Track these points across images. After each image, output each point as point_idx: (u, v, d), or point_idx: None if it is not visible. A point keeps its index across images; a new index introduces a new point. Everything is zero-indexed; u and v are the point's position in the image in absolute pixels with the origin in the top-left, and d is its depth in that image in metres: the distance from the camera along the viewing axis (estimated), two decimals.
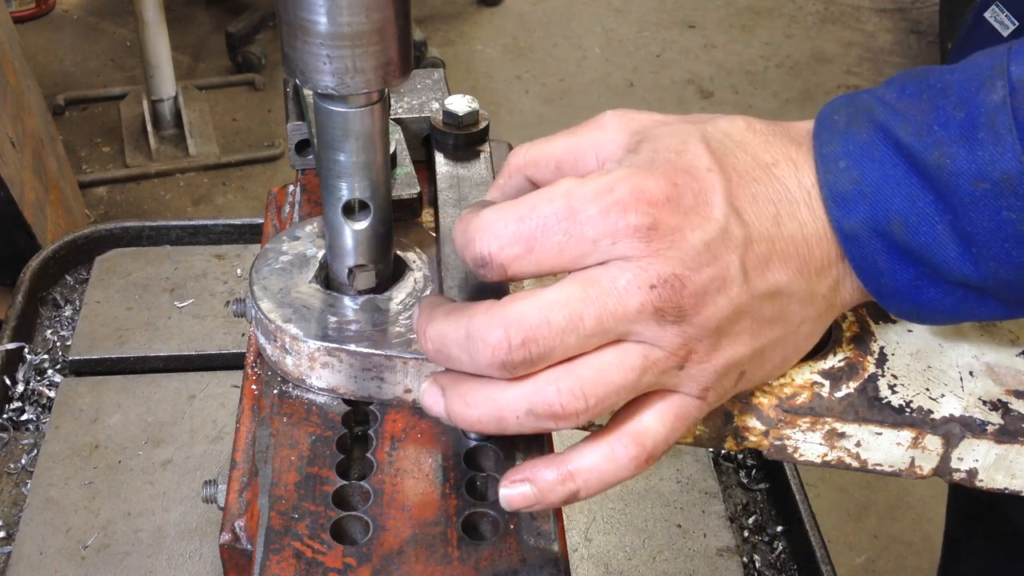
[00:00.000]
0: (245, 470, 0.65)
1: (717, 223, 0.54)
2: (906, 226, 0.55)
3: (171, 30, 3.45)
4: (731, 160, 0.57)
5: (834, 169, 0.57)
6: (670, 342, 0.54)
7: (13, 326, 1.21)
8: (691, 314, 0.54)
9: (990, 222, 0.53)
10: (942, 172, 0.53)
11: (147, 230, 1.38)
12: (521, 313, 0.53)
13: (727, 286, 0.55)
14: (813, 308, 0.59)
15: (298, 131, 0.82)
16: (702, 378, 0.56)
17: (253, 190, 3.52)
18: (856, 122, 0.57)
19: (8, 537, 1.04)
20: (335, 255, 0.66)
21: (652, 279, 0.53)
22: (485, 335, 0.53)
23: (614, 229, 0.53)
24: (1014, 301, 0.57)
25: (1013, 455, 0.62)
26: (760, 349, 0.58)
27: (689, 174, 0.55)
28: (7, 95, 2.30)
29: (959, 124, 0.53)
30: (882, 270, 0.57)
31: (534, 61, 4.32)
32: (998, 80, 0.53)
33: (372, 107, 0.60)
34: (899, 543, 2.53)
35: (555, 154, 0.63)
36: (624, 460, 0.56)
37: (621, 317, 0.53)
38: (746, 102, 4.09)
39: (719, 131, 0.59)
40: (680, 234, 0.54)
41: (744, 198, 0.56)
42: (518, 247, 0.54)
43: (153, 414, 1.16)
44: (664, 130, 0.59)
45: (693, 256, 0.53)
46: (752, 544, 1.08)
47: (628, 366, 0.54)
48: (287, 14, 0.55)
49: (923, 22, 4.71)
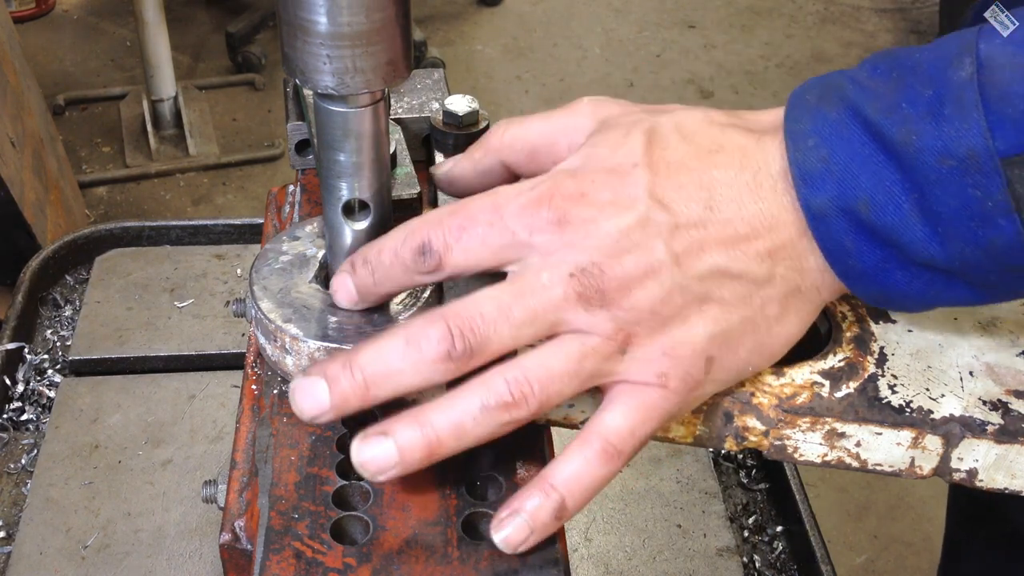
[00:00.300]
0: (245, 470, 0.65)
1: (635, 212, 0.57)
2: (872, 205, 0.55)
3: (171, 30, 3.45)
4: (667, 152, 0.59)
5: (803, 147, 0.57)
6: (603, 327, 0.56)
7: (13, 326, 1.21)
8: (617, 298, 0.56)
9: (956, 200, 0.53)
10: (908, 149, 0.53)
11: (147, 230, 1.38)
12: (455, 309, 0.56)
13: (655, 270, 0.56)
14: (772, 289, 0.59)
15: (298, 131, 0.82)
16: (653, 361, 0.57)
17: (253, 190, 3.52)
18: (827, 100, 0.57)
19: (8, 537, 1.04)
20: (335, 255, 0.66)
21: (570, 268, 0.56)
22: (426, 332, 0.56)
23: (530, 222, 0.57)
24: (981, 284, 0.57)
25: (1013, 455, 0.62)
26: (722, 333, 0.58)
27: (613, 172, 0.58)
28: (7, 95, 2.30)
29: (927, 101, 0.53)
30: (849, 251, 0.57)
31: (534, 61, 4.32)
32: (966, 57, 0.53)
33: (372, 107, 0.60)
34: (899, 543, 2.53)
35: (529, 139, 0.66)
36: (593, 459, 0.57)
37: (548, 307, 0.56)
38: (746, 102, 4.09)
39: (671, 122, 0.61)
40: (595, 224, 0.57)
41: (670, 187, 0.58)
42: (452, 235, 0.58)
43: (153, 414, 1.16)
44: (620, 122, 0.62)
45: (610, 244, 0.56)
46: (752, 544, 1.08)
47: (565, 352, 0.56)
48: (287, 14, 0.55)
49: (923, 22, 4.71)
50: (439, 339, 0.55)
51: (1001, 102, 0.51)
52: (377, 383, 0.56)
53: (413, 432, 0.56)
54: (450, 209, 0.60)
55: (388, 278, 0.61)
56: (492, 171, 0.68)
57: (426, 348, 0.55)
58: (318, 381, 0.57)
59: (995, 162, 0.51)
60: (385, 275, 0.61)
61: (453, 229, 0.58)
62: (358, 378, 0.56)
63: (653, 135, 0.60)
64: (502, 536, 0.56)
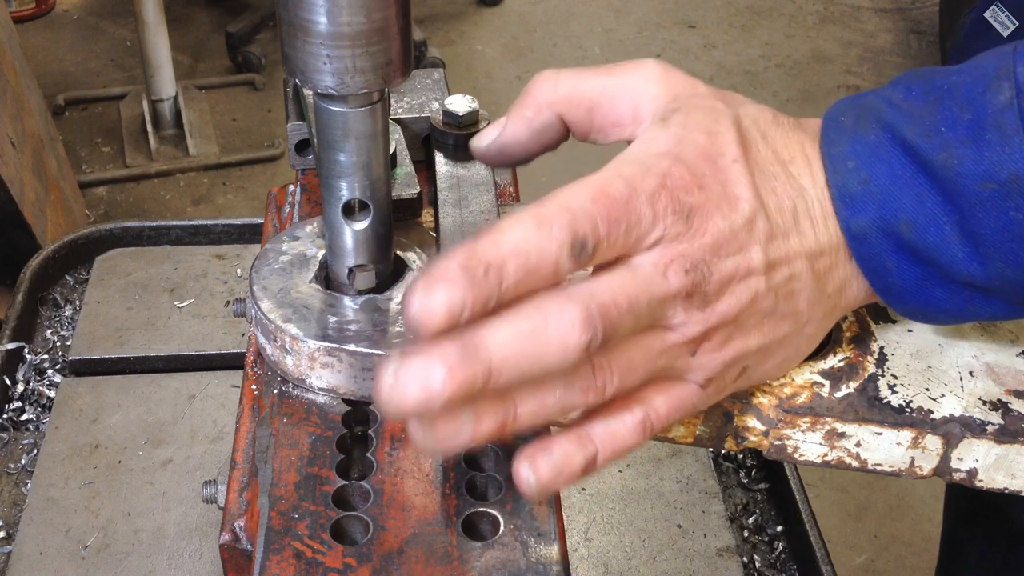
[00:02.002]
0: (245, 470, 0.65)
1: (744, 213, 0.55)
2: (914, 226, 0.55)
3: (171, 30, 3.45)
4: (754, 152, 0.58)
5: (843, 169, 0.57)
6: (691, 329, 0.55)
7: (13, 326, 1.21)
8: (714, 301, 0.54)
9: (997, 222, 0.53)
10: (949, 173, 0.54)
11: (147, 230, 1.38)
12: (592, 291, 0.50)
13: (749, 276, 0.55)
14: (820, 307, 0.59)
15: (298, 131, 0.82)
16: (709, 367, 0.57)
17: (253, 190, 3.52)
18: (864, 123, 0.57)
19: (8, 537, 1.04)
20: (335, 255, 0.66)
21: (687, 263, 0.53)
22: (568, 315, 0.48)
23: (659, 210, 0.52)
24: (1020, 301, 0.57)
25: (1013, 455, 0.62)
26: (766, 345, 0.58)
27: (715, 164, 0.55)
28: (7, 95, 2.30)
29: (966, 125, 0.53)
30: (890, 270, 0.57)
31: (534, 61, 4.32)
32: (1004, 82, 0.53)
33: (372, 107, 0.60)
34: (899, 543, 2.53)
35: (590, 93, 0.61)
36: (633, 426, 0.55)
37: (663, 300, 0.53)
38: None
39: (749, 118, 0.59)
40: (711, 221, 0.54)
41: (766, 191, 0.57)
42: (603, 226, 0.51)
43: (153, 414, 1.16)
44: (699, 103, 0.59)
45: (722, 243, 0.54)
46: (752, 544, 1.08)
47: (647, 346, 0.54)
48: (287, 14, 0.55)
49: (923, 22, 4.71)
50: (582, 324, 0.48)
51: None
52: (505, 370, 0.48)
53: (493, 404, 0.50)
54: (588, 195, 0.51)
55: (525, 284, 0.49)
56: (550, 128, 0.63)
57: (568, 335, 0.48)
58: (431, 362, 0.47)
59: None
60: (524, 280, 0.49)
61: (604, 220, 0.51)
62: (483, 362, 0.47)
63: (740, 130, 0.58)
64: (532, 469, 0.52)
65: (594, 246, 0.50)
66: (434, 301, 0.47)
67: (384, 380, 0.47)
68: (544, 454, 0.53)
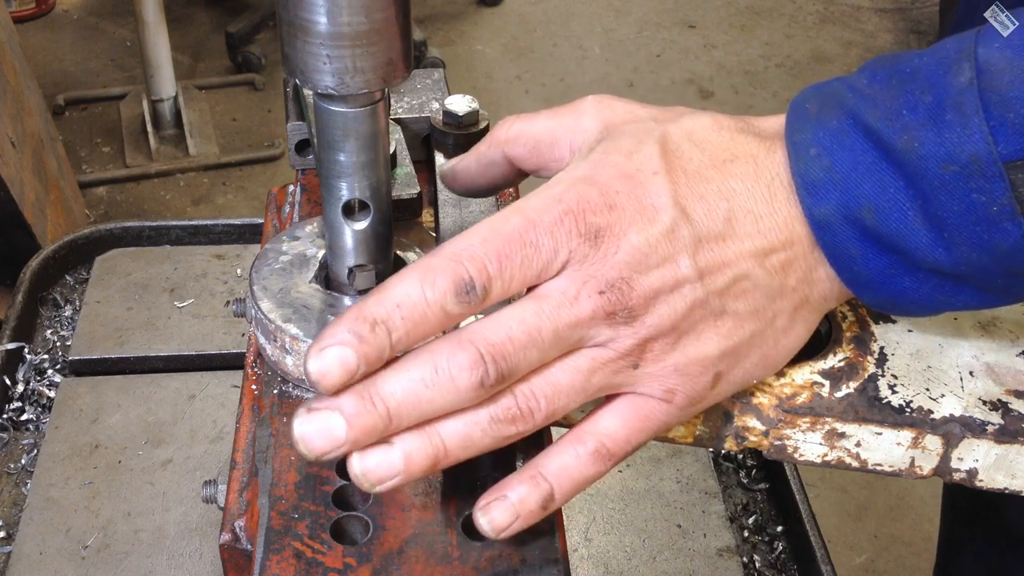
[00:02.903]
0: (245, 470, 0.65)
1: (662, 224, 0.55)
2: (877, 212, 0.55)
3: (171, 30, 3.45)
4: (683, 161, 0.58)
5: (805, 157, 0.57)
6: (622, 343, 0.55)
7: (13, 326, 1.21)
8: (641, 315, 0.55)
9: (960, 205, 0.53)
10: (911, 156, 0.53)
11: (147, 230, 1.38)
12: (483, 333, 0.53)
13: (680, 285, 0.55)
14: (784, 301, 0.59)
15: (298, 131, 0.82)
16: (662, 377, 0.57)
17: (253, 190, 3.52)
18: (827, 109, 0.57)
19: (8, 537, 1.04)
20: (335, 255, 0.66)
21: (600, 285, 0.54)
22: (456, 359, 0.52)
23: (564, 238, 0.54)
24: (990, 288, 0.57)
25: (1013, 455, 0.62)
26: (733, 348, 0.58)
27: (632, 179, 0.57)
28: (7, 95, 2.30)
29: (927, 107, 0.53)
30: (855, 258, 0.57)
31: (534, 61, 4.32)
32: (965, 63, 0.53)
33: (372, 107, 0.60)
34: (899, 543, 2.53)
35: (533, 134, 0.66)
36: (585, 458, 0.56)
37: (577, 325, 0.54)
38: (746, 102, 4.09)
39: (681, 130, 0.60)
40: (625, 238, 0.55)
41: (692, 197, 0.57)
42: (493, 266, 0.53)
43: (153, 414, 1.16)
44: (627, 129, 0.61)
45: (639, 259, 0.55)
46: (752, 544, 1.08)
47: (575, 367, 0.55)
48: (287, 14, 0.55)
49: (923, 22, 4.71)
50: (471, 367, 0.52)
51: (1002, 107, 0.51)
52: (402, 414, 0.52)
53: (420, 441, 0.53)
54: (479, 236, 0.54)
55: (416, 333, 0.53)
56: (495, 164, 0.68)
57: (458, 377, 0.52)
58: (331, 415, 0.52)
59: (999, 167, 0.51)
60: (413, 330, 0.53)
61: (493, 259, 0.53)
62: (380, 409, 0.52)
63: (666, 143, 0.59)
64: (487, 519, 0.55)
65: (483, 286, 0.53)
66: (327, 363, 0.51)
67: (294, 430, 0.52)
68: (498, 502, 0.56)
